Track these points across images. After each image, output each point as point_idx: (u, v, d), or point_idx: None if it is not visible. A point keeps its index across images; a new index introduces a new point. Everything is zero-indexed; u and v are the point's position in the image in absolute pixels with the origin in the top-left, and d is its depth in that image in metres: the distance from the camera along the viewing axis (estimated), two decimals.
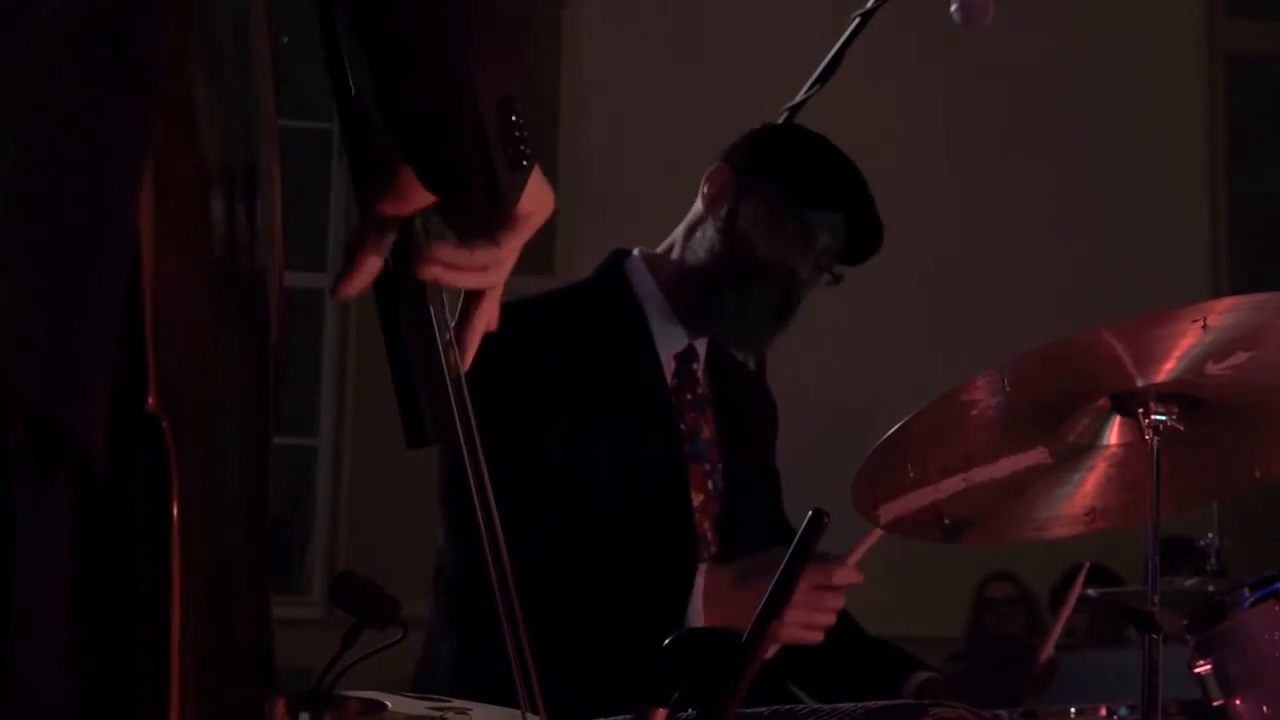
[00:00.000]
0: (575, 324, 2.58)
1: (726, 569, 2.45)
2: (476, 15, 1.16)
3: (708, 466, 2.61)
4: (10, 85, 0.92)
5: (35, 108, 0.93)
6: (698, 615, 2.39)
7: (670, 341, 2.62)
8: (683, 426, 2.61)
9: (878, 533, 2.42)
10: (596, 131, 7.19)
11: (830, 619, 2.39)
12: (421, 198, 1.25)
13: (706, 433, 2.63)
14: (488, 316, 1.36)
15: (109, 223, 0.97)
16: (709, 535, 2.58)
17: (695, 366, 2.65)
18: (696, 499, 2.58)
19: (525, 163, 1.22)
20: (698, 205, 2.64)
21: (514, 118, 1.19)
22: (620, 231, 2.88)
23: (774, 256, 2.56)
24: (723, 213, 2.60)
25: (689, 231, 2.63)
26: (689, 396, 2.63)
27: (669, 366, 2.62)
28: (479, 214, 1.28)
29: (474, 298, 1.35)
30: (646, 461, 2.54)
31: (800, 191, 2.57)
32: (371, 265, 1.28)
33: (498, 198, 1.22)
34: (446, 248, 1.29)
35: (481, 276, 1.32)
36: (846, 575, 2.40)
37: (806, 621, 2.38)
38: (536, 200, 1.29)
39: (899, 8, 2.83)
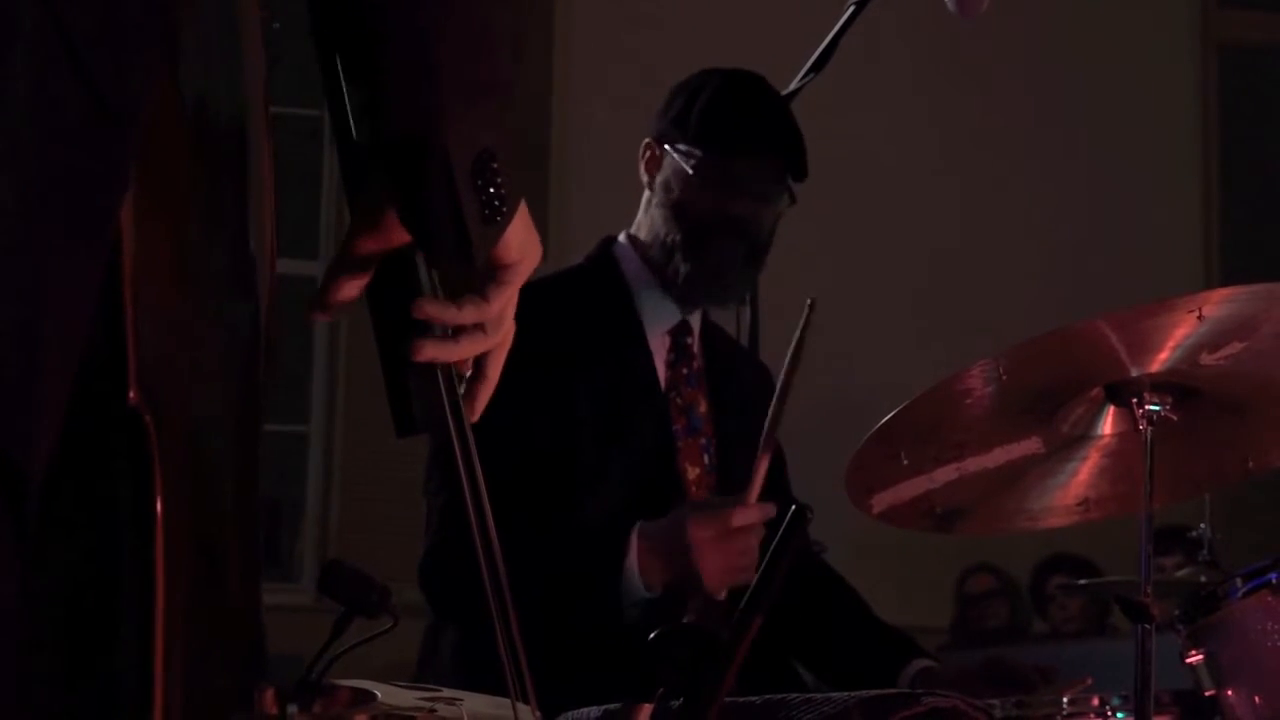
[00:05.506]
0: (563, 309, 2.57)
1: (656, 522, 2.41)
2: (452, 66, 1.14)
3: (704, 440, 2.62)
4: None
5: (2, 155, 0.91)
6: (634, 568, 2.37)
7: (662, 319, 2.63)
8: (679, 400, 2.62)
9: (767, 456, 2.32)
10: (588, 119, 7.17)
11: (751, 557, 2.32)
12: (398, 236, 1.23)
13: (703, 407, 2.64)
14: (494, 375, 1.33)
15: (73, 267, 0.94)
16: None
17: (690, 341, 2.65)
18: (693, 472, 2.59)
19: (500, 219, 1.20)
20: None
21: (491, 172, 1.17)
22: (612, 218, 2.87)
23: (714, 211, 2.55)
24: (657, 184, 2.61)
25: (645, 208, 2.65)
26: (685, 371, 2.64)
27: (663, 343, 2.63)
28: (451, 266, 1.26)
29: (483, 355, 1.32)
30: (635, 439, 2.54)
31: (708, 141, 2.56)
32: (347, 295, 1.27)
33: (467, 250, 1.20)
34: (433, 303, 1.26)
35: (480, 340, 1.30)
36: (747, 516, 2.32)
37: (725, 567, 2.33)
38: (523, 248, 1.28)
39: None
